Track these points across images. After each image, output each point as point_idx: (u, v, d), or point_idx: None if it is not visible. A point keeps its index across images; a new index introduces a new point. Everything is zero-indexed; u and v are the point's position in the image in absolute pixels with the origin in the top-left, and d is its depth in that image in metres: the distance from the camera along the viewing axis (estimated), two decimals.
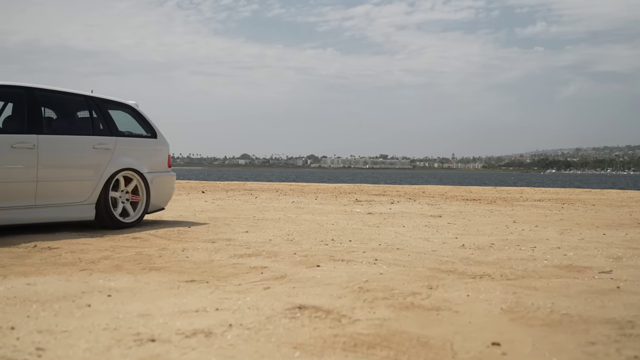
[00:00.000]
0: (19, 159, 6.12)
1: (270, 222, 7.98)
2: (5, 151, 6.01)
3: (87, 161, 6.84)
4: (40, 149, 6.31)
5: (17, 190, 6.12)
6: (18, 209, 6.15)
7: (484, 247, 5.60)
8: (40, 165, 6.30)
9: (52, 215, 6.48)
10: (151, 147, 7.66)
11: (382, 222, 8.31)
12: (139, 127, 7.69)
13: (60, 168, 6.56)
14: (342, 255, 4.93)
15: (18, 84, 6.39)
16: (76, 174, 6.72)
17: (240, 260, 4.72)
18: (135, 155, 7.35)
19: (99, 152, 6.96)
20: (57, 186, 6.49)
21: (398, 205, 12.11)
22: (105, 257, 4.93)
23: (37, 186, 6.28)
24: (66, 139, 6.71)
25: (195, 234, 6.51)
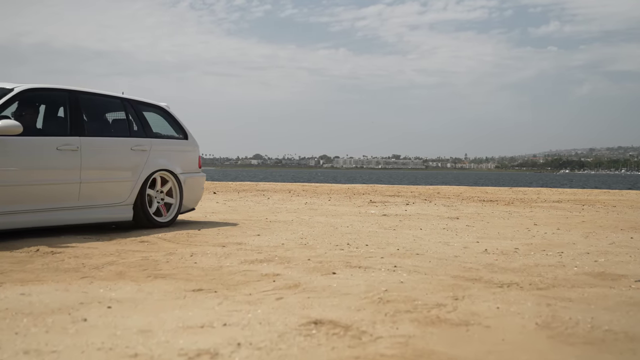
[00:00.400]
0: (64, 161, 6.25)
1: (283, 225, 7.72)
2: (52, 153, 6.14)
3: (125, 163, 6.96)
4: (83, 151, 6.42)
5: (63, 192, 6.24)
6: (63, 210, 6.27)
7: (508, 252, 5.31)
8: (83, 167, 6.41)
9: (94, 216, 6.61)
10: (183, 148, 7.82)
11: (399, 224, 8.03)
12: (171, 128, 7.84)
13: (101, 170, 6.68)
14: (359, 261, 4.66)
15: (60, 87, 6.51)
16: (116, 175, 6.84)
17: (251, 266, 4.46)
18: (169, 156, 7.49)
19: (137, 154, 7.09)
20: (98, 187, 6.62)
21: (413, 206, 11.82)
22: (110, 262, 4.69)
23: (80, 187, 6.39)
24: (106, 140, 6.83)
25: (205, 238, 6.26)
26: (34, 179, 5.99)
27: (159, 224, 7.22)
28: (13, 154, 5.82)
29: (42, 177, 6.06)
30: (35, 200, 6.00)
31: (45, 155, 6.10)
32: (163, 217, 7.39)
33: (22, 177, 5.88)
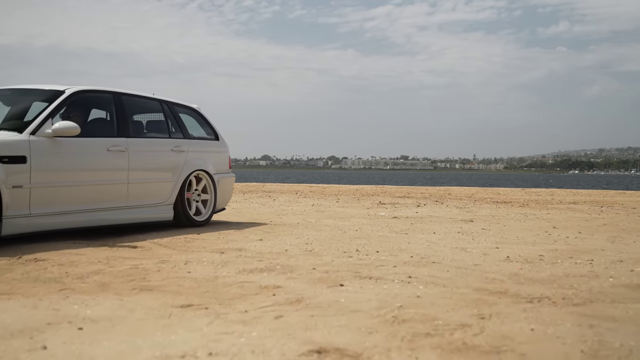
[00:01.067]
0: (113, 162, 6.37)
1: (288, 228, 7.28)
2: (103, 154, 6.26)
3: (167, 164, 7.10)
4: (130, 152, 6.56)
5: (113, 192, 6.39)
6: (113, 210, 6.40)
7: (532, 260, 4.85)
8: (130, 168, 6.55)
9: (139, 215, 6.74)
10: (215, 149, 8.00)
11: (410, 228, 7.58)
12: (202, 129, 8.00)
13: (146, 170, 6.80)
14: (369, 271, 4.21)
15: (105, 89, 6.65)
16: (159, 175, 6.98)
17: (250, 277, 4.02)
18: (204, 157, 7.67)
19: (176, 155, 7.25)
20: (144, 188, 6.75)
21: (425, 208, 11.36)
22: (96, 271, 4.26)
23: (128, 188, 6.54)
24: (150, 141, 6.97)
25: (203, 243, 5.83)
26: (88, 179, 6.09)
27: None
28: (69, 155, 5.89)
29: (95, 177, 6.18)
30: (89, 201, 6.10)
31: (97, 156, 6.20)
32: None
33: (77, 177, 5.98)
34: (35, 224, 5.57)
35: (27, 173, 5.44)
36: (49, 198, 5.67)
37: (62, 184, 5.80)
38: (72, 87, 6.25)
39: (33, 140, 5.59)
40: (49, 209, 5.69)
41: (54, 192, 5.72)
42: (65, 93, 6.13)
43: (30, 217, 5.51)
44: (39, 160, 5.56)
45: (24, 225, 5.46)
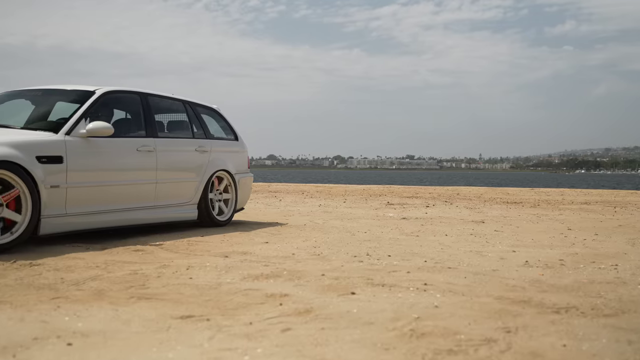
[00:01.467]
0: (143, 162, 6.42)
1: (295, 230, 7.05)
2: (133, 154, 6.31)
3: (191, 164, 7.16)
4: (158, 152, 6.60)
5: (142, 192, 6.44)
6: (142, 210, 6.46)
7: (553, 265, 4.60)
8: (158, 168, 6.59)
9: (166, 215, 6.79)
10: (235, 149, 8.08)
11: (421, 229, 7.33)
12: (222, 129, 8.08)
13: (172, 170, 6.84)
14: (382, 277, 3.96)
15: (132, 89, 6.72)
16: (184, 176, 7.04)
17: (255, 283, 3.78)
18: (225, 157, 7.74)
19: (200, 155, 7.32)
20: (170, 188, 6.79)
21: (434, 209, 11.11)
22: (93, 277, 4.04)
23: (156, 187, 6.58)
24: (175, 141, 7.01)
25: (207, 246, 5.60)
26: (120, 179, 6.15)
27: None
28: (102, 155, 5.94)
29: (126, 177, 6.23)
30: (120, 200, 6.17)
31: (127, 156, 6.26)
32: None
33: (110, 177, 6.03)
34: (70, 224, 5.61)
35: (63, 173, 5.48)
36: (83, 198, 5.71)
37: (96, 183, 5.85)
38: (102, 87, 6.32)
39: (68, 140, 5.62)
40: (83, 208, 5.73)
41: (88, 192, 5.77)
42: (95, 94, 6.19)
43: (66, 216, 5.54)
44: (74, 160, 5.59)
45: (60, 225, 5.49)
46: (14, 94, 6.71)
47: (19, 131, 5.64)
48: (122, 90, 6.57)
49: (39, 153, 5.28)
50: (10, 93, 6.72)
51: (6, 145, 5.03)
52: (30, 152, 5.20)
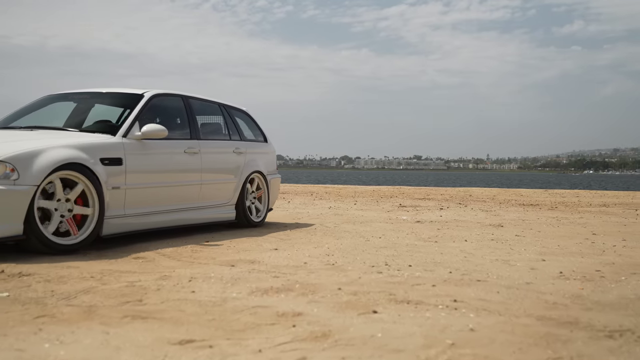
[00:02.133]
0: (189, 163, 6.53)
1: (305, 235, 6.66)
2: (181, 156, 6.42)
3: (230, 165, 7.27)
4: (202, 153, 6.71)
5: (189, 193, 6.53)
6: (189, 210, 6.57)
7: (592, 277, 4.19)
8: (202, 170, 6.70)
9: (208, 215, 6.90)
10: (265, 151, 8.21)
11: (438, 234, 6.93)
12: (252, 131, 8.16)
13: (214, 172, 6.95)
14: (405, 292, 3.56)
15: (175, 92, 6.82)
16: (224, 177, 7.16)
17: (265, 299, 3.39)
18: (257, 158, 7.87)
19: (237, 156, 7.43)
20: (212, 188, 6.90)
21: (448, 211, 10.70)
22: (86, 289, 3.66)
23: (200, 188, 6.69)
24: (216, 143, 7.13)
25: (212, 253, 5.21)
26: (171, 180, 6.26)
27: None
28: (155, 157, 6.03)
29: (176, 179, 6.34)
30: (171, 201, 6.27)
31: (177, 157, 6.37)
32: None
33: (163, 179, 6.14)
34: (128, 224, 5.70)
35: (123, 175, 5.57)
36: (139, 199, 5.80)
37: (150, 185, 5.94)
38: (150, 90, 6.44)
39: (126, 142, 5.73)
40: (140, 209, 5.82)
41: (144, 193, 5.87)
42: (145, 97, 6.28)
43: (124, 217, 5.63)
44: (132, 162, 5.69)
45: (119, 225, 5.58)
46: (57, 97, 6.78)
47: (78, 134, 5.71)
48: (167, 93, 6.66)
49: (102, 155, 5.38)
50: (53, 96, 6.79)
51: (74, 147, 5.14)
52: (94, 154, 5.29)
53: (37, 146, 4.92)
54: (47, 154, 4.90)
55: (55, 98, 6.77)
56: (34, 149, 4.87)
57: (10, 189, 4.64)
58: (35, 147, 4.91)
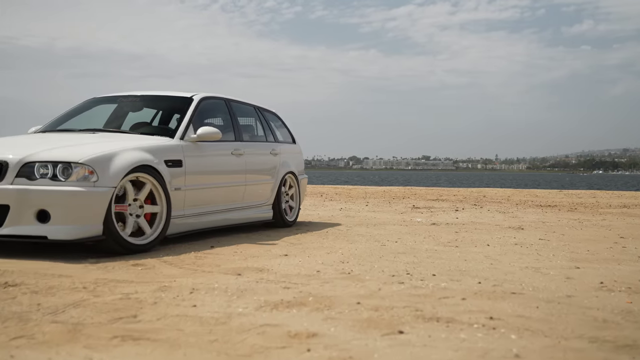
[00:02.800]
0: (236, 165, 6.68)
1: (317, 239, 6.27)
2: (229, 158, 6.58)
3: (268, 165, 7.42)
4: (246, 155, 6.86)
5: (236, 193, 6.70)
6: (235, 210, 6.72)
7: (638, 289, 3.78)
8: (246, 171, 6.85)
9: (250, 215, 7.04)
10: (295, 151, 8.38)
11: (457, 238, 6.53)
12: (281, 132, 8.29)
13: (256, 173, 7.09)
14: (433, 308, 3.16)
15: (218, 95, 6.96)
16: (263, 177, 7.30)
17: (274, 316, 3.00)
18: (290, 159, 8.02)
19: (273, 157, 7.59)
20: (254, 189, 7.04)
21: (464, 213, 10.28)
22: (76, 302, 3.29)
23: (245, 189, 6.84)
24: (256, 145, 7.30)
25: (217, 259, 4.83)
26: (222, 181, 6.42)
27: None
28: (208, 158, 6.19)
29: (226, 180, 6.50)
30: (221, 201, 6.42)
31: (226, 159, 6.53)
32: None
33: (215, 180, 6.29)
34: (187, 224, 5.85)
35: (183, 176, 5.70)
36: (196, 200, 5.93)
37: (205, 186, 6.08)
38: (197, 93, 6.59)
39: (183, 144, 5.88)
40: (196, 210, 5.96)
41: (200, 194, 6.00)
42: (194, 100, 6.43)
43: (184, 217, 5.77)
44: (190, 163, 5.83)
45: (180, 225, 5.72)
46: (102, 99, 6.92)
47: (139, 136, 5.85)
48: (212, 96, 6.79)
49: (166, 157, 5.52)
50: (98, 99, 6.93)
51: (142, 150, 5.27)
52: (160, 156, 5.43)
53: (110, 149, 5.02)
54: (122, 156, 5.01)
55: (100, 101, 6.91)
56: (109, 152, 4.96)
57: (91, 190, 4.74)
58: (110, 150, 5.01)
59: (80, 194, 4.69)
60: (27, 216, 4.69)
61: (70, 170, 4.76)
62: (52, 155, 4.84)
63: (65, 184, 4.72)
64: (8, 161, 4.78)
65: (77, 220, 4.71)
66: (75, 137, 5.62)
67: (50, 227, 4.69)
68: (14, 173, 4.75)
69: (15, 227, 4.70)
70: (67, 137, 5.62)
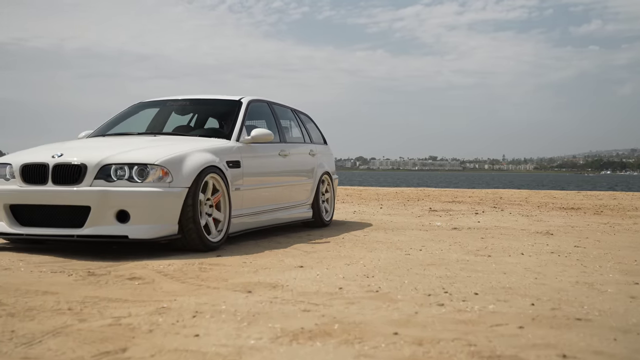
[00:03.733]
0: (283, 165, 6.86)
1: (333, 246, 5.72)
2: (277, 159, 6.76)
3: (308, 166, 7.60)
4: (290, 155, 7.04)
5: (283, 193, 6.85)
6: (281, 210, 6.83)
7: None
8: (291, 171, 7.07)
9: (293, 215, 7.15)
10: (328, 152, 8.54)
11: (487, 245, 5.97)
12: (314, 134, 8.38)
13: (298, 173, 7.31)
14: (488, 340, 2.57)
15: (261, 98, 7.05)
16: (304, 178, 7.46)
17: (295, 350, 2.44)
18: (324, 159, 8.20)
19: (312, 158, 7.77)
20: (297, 189, 7.24)
21: (485, 216, 9.70)
22: (57, 329, 2.76)
23: (290, 189, 7.04)
24: (297, 146, 7.50)
25: (224, 271, 4.28)
26: (272, 182, 6.63)
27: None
28: (261, 159, 6.35)
29: (275, 180, 6.69)
30: (271, 201, 6.59)
31: (274, 160, 6.69)
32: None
33: (267, 180, 6.48)
34: (244, 224, 5.98)
35: (241, 177, 5.87)
36: (251, 199, 6.08)
37: (259, 186, 6.25)
38: (245, 96, 6.72)
39: (240, 146, 6.03)
40: (251, 209, 6.10)
41: (255, 194, 6.17)
42: (243, 103, 6.56)
43: (242, 217, 5.90)
44: (246, 164, 5.98)
45: (238, 225, 5.84)
46: (148, 104, 7.06)
47: (198, 139, 6.00)
48: (258, 99, 6.92)
49: (228, 158, 5.68)
50: (145, 103, 7.08)
51: (208, 151, 5.41)
52: (222, 157, 5.57)
53: (181, 151, 5.17)
54: (192, 157, 5.16)
55: (146, 105, 7.04)
56: (180, 154, 5.11)
57: (167, 191, 4.90)
58: (181, 151, 5.15)
59: (157, 194, 4.86)
60: (108, 217, 4.83)
61: (146, 172, 4.89)
62: (128, 157, 4.96)
63: (143, 185, 4.86)
64: (87, 164, 4.89)
65: (155, 220, 4.87)
66: (137, 140, 5.81)
67: (131, 227, 4.82)
68: (93, 175, 4.88)
69: (96, 227, 4.83)
70: (130, 141, 5.74)
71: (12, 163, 5.10)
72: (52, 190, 4.90)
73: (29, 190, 4.97)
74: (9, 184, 5.08)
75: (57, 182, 4.91)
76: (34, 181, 4.98)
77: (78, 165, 4.90)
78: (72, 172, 4.91)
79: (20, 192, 5.00)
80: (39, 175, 4.97)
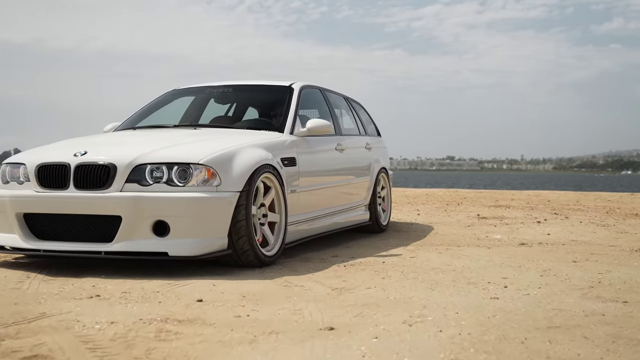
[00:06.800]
0: (340, 161, 5.93)
1: (372, 277, 3.93)
2: (333, 153, 5.83)
3: (365, 162, 6.66)
4: (347, 150, 6.09)
5: (341, 193, 5.95)
6: (339, 213, 5.87)
7: None
8: (349, 167, 6.14)
9: (350, 218, 6.14)
10: (382, 146, 7.53)
11: (599, 279, 4.13)
12: (368, 125, 7.42)
13: (356, 170, 6.33)
14: None
15: (313, 84, 6.16)
16: (362, 174, 6.50)
17: None
18: (380, 154, 7.19)
19: (368, 152, 6.80)
20: (354, 188, 6.30)
21: (551, 226, 7.80)
22: None
23: (348, 188, 6.13)
24: (353, 139, 6.53)
25: (216, 316, 2.49)
26: (331, 181, 5.72)
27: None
28: (317, 156, 5.46)
29: (333, 179, 5.76)
30: (329, 204, 5.68)
31: (331, 155, 5.79)
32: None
33: (326, 179, 5.62)
34: (300, 232, 5.03)
35: (297, 176, 5.00)
36: (308, 203, 5.19)
37: (317, 187, 5.40)
38: (297, 82, 5.83)
39: (294, 140, 5.14)
40: (307, 214, 5.19)
41: (312, 196, 5.28)
42: (295, 89, 5.66)
43: (297, 224, 4.98)
44: (302, 162, 5.10)
45: (293, 233, 4.89)
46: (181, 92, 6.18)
47: (247, 131, 5.20)
48: (310, 85, 6.05)
49: (282, 155, 4.82)
50: (178, 91, 6.19)
51: (260, 147, 4.55)
52: (276, 154, 4.71)
53: (229, 146, 4.35)
54: (243, 155, 4.32)
55: (181, 93, 6.17)
56: (229, 150, 4.29)
57: (214, 196, 4.06)
58: (229, 147, 4.33)
59: (203, 201, 4.02)
60: (142, 229, 3.99)
61: (189, 173, 4.06)
62: (166, 155, 4.13)
63: (185, 190, 4.03)
64: (116, 164, 4.04)
65: (200, 233, 4.03)
66: (174, 134, 4.98)
67: (171, 242, 3.98)
68: (124, 178, 4.03)
69: (128, 242, 3.99)
70: (166, 135, 4.90)
71: (27, 163, 4.25)
72: (75, 196, 4.06)
73: (47, 197, 4.12)
74: (23, 188, 4.24)
75: (80, 187, 4.06)
76: (53, 185, 4.13)
77: (105, 166, 4.05)
78: (99, 174, 4.05)
79: (36, 198, 4.16)
80: (58, 178, 4.11)
